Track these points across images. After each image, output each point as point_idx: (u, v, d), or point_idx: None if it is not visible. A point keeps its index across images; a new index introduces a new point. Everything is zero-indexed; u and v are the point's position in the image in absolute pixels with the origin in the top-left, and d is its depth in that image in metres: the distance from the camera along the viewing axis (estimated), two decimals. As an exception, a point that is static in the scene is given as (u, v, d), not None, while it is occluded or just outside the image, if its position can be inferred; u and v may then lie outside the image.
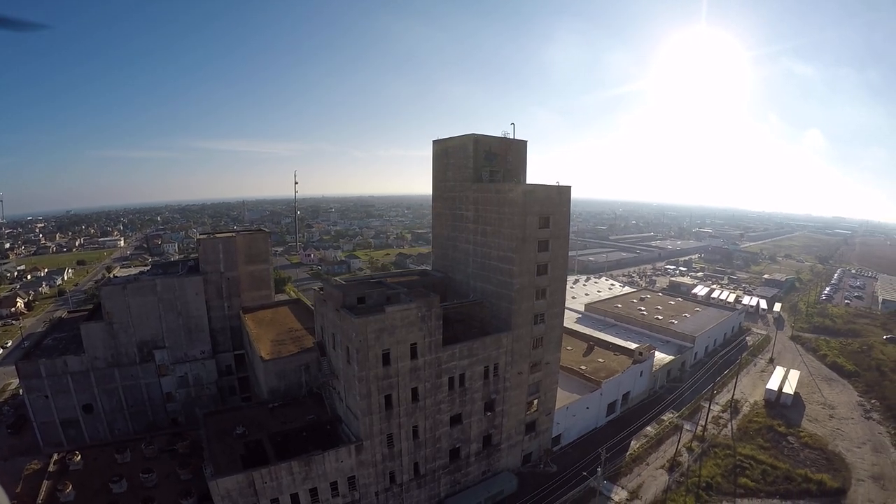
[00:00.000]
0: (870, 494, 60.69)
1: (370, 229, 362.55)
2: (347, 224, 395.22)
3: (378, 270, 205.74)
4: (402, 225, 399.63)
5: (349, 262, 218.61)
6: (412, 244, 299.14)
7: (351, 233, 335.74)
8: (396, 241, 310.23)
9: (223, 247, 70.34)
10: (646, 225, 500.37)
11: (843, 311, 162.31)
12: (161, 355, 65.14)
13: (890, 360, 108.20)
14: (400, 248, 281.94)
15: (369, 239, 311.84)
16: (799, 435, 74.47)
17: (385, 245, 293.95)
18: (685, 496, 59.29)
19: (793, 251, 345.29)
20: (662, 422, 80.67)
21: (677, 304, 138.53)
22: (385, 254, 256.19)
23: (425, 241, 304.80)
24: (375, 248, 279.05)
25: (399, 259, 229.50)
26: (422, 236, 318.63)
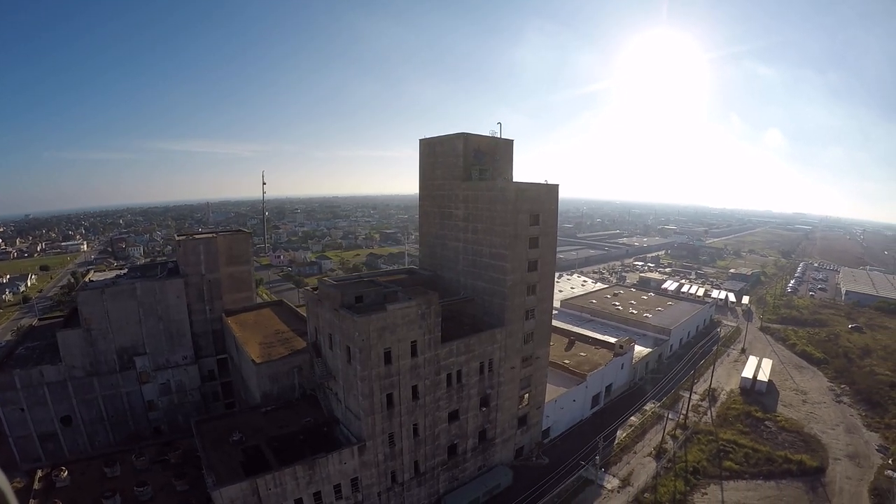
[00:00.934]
0: (847, 472, 66.30)
1: (338, 230, 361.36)
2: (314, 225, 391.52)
3: (350, 271, 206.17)
4: (370, 225, 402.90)
5: (320, 264, 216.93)
6: (381, 244, 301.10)
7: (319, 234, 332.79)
8: (366, 241, 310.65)
9: (204, 248, 69.35)
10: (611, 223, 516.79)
11: (808, 302, 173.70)
12: (142, 362, 63.79)
13: (856, 348, 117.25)
14: (369, 248, 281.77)
15: (338, 240, 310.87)
16: (776, 419, 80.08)
17: (354, 246, 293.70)
18: (674, 481, 63.10)
19: (756, 246, 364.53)
20: (645, 412, 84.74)
21: (650, 298, 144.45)
22: (355, 254, 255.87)
23: (394, 241, 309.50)
24: (345, 249, 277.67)
25: (370, 259, 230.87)
26: (390, 236, 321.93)
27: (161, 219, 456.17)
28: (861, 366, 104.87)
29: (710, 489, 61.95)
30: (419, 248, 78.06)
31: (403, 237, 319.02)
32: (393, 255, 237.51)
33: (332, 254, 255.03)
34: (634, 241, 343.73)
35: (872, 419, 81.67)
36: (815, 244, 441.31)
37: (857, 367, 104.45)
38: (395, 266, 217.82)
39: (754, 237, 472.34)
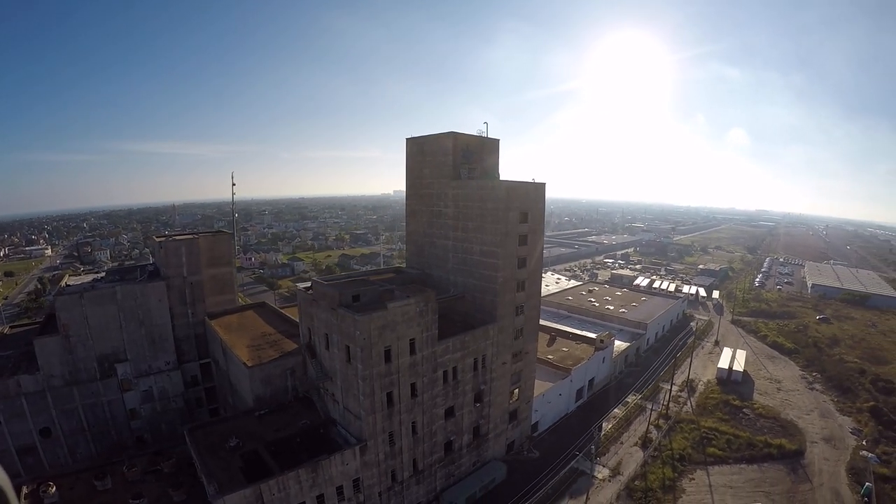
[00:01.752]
0: (824, 454, 71.42)
1: (307, 231, 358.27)
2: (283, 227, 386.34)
3: (323, 273, 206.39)
4: (339, 226, 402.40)
5: (293, 265, 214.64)
6: (351, 245, 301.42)
7: (288, 235, 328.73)
8: (336, 242, 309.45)
9: (186, 249, 68.12)
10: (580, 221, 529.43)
11: (776, 295, 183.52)
12: (123, 369, 62.15)
13: (825, 338, 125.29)
14: (340, 249, 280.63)
15: (308, 241, 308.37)
16: (753, 407, 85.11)
17: (325, 247, 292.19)
18: (662, 468, 66.40)
19: (722, 243, 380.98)
20: (628, 404, 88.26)
21: (624, 294, 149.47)
22: (326, 255, 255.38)
23: (364, 241, 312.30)
24: (316, 251, 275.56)
25: (342, 260, 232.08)
26: (360, 237, 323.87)
27: (126, 222, 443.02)
28: (830, 354, 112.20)
29: (697, 474, 65.57)
30: (406, 246, 78.81)
31: (374, 238, 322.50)
32: (366, 256, 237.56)
33: (303, 255, 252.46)
34: (604, 238, 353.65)
35: (844, 404, 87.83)
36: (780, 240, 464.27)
37: (827, 355, 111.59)
38: (369, 266, 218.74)
39: (720, 234, 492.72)
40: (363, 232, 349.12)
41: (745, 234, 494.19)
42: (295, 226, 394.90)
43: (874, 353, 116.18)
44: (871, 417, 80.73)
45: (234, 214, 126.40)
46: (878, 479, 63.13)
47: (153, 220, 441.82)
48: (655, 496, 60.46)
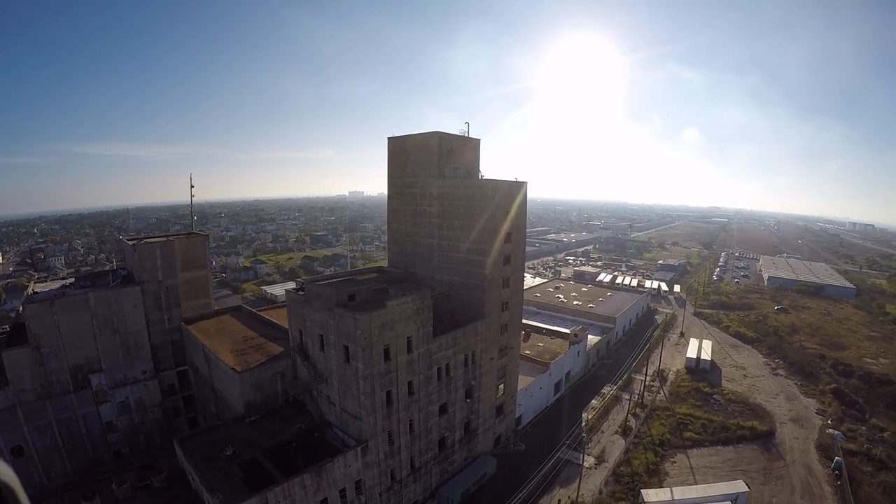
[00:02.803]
0: (793, 433, 77.63)
1: (266, 234, 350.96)
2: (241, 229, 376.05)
3: (286, 275, 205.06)
4: (297, 228, 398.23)
5: (255, 268, 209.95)
6: (312, 247, 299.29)
7: (248, 238, 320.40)
8: (297, 244, 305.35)
9: (161, 252, 65.97)
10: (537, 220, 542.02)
11: (735, 288, 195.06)
12: (98, 380, 59.59)
13: (784, 327, 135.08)
14: (301, 251, 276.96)
15: (268, 243, 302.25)
16: (723, 393, 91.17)
17: (286, 249, 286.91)
18: (644, 453, 70.28)
19: (678, 239, 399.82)
20: (604, 395, 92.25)
21: (589, 290, 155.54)
22: (288, 258, 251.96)
23: (325, 243, 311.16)
24: (277, 253, 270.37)
25: (305, 262, 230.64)
26: (321, 239, 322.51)
27: (78, 227, 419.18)
28: (791, 342, 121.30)
29: (678, 458, 69.91)
30: (388, 246, 79.18)
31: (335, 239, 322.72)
32: (328, 258, 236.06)
33: (265, 258, 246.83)
34: (563, 236, 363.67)
35: (808, 387, 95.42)
36: (733, 235, 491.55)
37: (788, 343, 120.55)
38: (333, 268, 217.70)
39: (675, 230, 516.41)
40: (323, 233, 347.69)
41: (699, 231, 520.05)
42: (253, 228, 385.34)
43: (832, 339, 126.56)
44: (834, 398, 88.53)
45: (193, 217, 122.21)
46: (845, 454, 69.35)
47: (106, 225, 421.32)
48: (641, 480, 64.06)
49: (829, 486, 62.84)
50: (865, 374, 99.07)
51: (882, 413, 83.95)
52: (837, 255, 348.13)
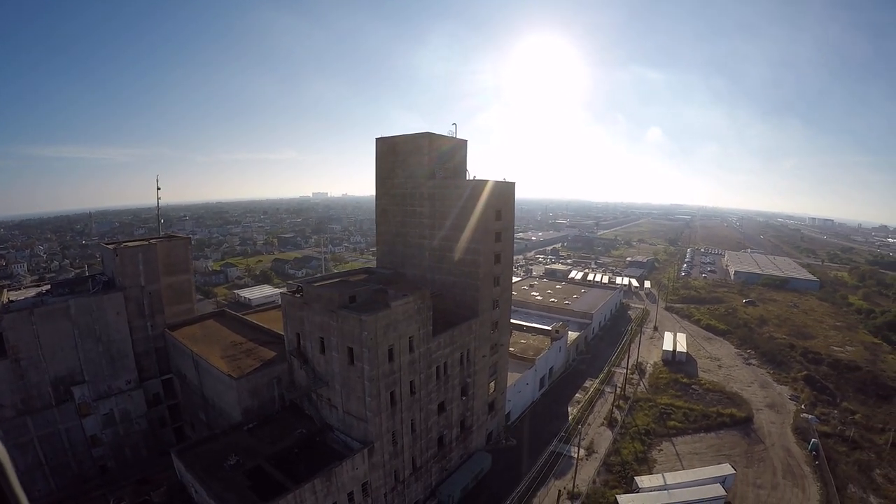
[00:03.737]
0: (770, 419, 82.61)
1: (233, 236, 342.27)
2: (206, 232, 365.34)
3: (257, 278, 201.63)
4: (264, 230, 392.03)
5: (226, 272, 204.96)
6: (280, 249, 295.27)
7: (215, 241, 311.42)
8: (265, 247, 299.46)
9: (143, 256, 63.73)
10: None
11: (703, 283, 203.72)
12: (81, 392, 57.02)
13: (753, 319, 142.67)
14: (270, 254, 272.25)
15: (236, 246, 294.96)
16: (700, 383, 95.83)
17: (254, 252, 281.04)
18: (632, 443, 73.27)
19: (644, 236, 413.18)
20: (586, 388, 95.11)
21: (564, 287, 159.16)
22: (257, 261, 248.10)
23: (294, 245, 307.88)
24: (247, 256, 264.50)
25: (276, 265, 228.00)
26: (289, 241, 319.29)
27: (38, 232, 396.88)
28: (761, 333, 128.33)
29: (664, 446, 73.28)
30: (377, 246, 79.00)
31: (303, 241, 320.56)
32: (299, 260, 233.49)
33: (234, 261, 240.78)
34: (531, 235, 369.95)
35: (780, 375, 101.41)
36: (697, 232, 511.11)
37: (758, 334, 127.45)
38: (305, 270, 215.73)
39: (640, 228, 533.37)
40: (291, 235, 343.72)
41: (664, 228, 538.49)
42: (219, 231, 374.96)
43: (799, 329, 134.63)
44: (806, 385, 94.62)
45: (160, 220, 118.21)
46: (820, 436, 74.62)
47: (68, 230, 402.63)
48: (632, 468, 66.77)
49: (807, 466, 67.54)
50: (834, 361, 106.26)
51: (852, 397, 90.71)
52: (799, 250, 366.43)
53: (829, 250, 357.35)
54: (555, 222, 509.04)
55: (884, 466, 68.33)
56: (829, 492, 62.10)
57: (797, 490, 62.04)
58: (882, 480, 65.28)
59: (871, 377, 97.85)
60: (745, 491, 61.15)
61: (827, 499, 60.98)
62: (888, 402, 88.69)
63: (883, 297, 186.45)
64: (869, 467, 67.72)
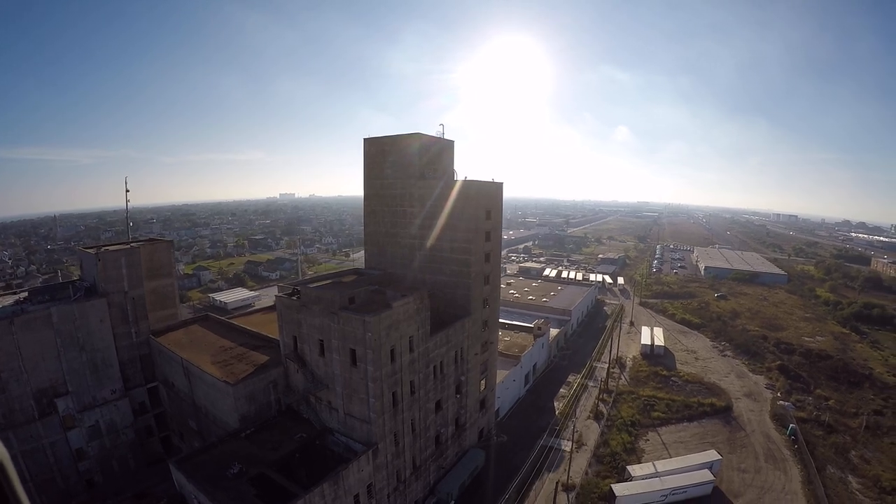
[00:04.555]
0: (748, 407, 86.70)
1: (203, 239, 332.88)
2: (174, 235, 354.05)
3: (230, 281, 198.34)
4: (233, 232, 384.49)
5: (199, 275, 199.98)
6: (252, 251, 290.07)
7: (185, 244, 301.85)
8: (236, 249, 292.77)
9: (126, 261, 61.59)
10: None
11: (675, 278, 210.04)
12: (65, 404, 54.70)
13: (726, 312, 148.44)
14: (242, 256, 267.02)
15: (206, 249, 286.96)
16: (679, 375, 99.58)
17: (226, 255, 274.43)
18: (619, 434, 75.67)
19: (613, 233, 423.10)
20: (570, 383, 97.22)
21: (540, 285, 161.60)
22: (229, 263, 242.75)
23: (264, 247, 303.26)
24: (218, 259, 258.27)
25: (249, 267, 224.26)
26: (260, 242, 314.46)
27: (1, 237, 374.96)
28: (734, 326, 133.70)
29: (650, 436, 76.05)
30: (365, 247, 78.61)
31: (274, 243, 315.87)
32: (272, 262, 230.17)
33: (205, 264, 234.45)
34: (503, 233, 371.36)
35: (755, 366, 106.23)
36: (665, 229, 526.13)
37: (731, 327, 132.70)
38: (278, 272, 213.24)
39: (609, 225, 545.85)
40: (262, 237, 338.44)
41: (632, 225, 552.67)
42: (188, 233, 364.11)
43: (770, 321, 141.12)
44: (780, 374, 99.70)
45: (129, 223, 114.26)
46: (797, 421, 78.74)
47: (32, 234, 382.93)
48: (621, 458, 69.03)
49: (787, 449, 71.59)
50: (805, 350, 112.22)
51: (824, 384, 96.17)
52: (765, 245, 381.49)
53: (794, 245, 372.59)
54: (525, 221, 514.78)
55: (859, 448, 73.16)
56: (810, 473, 66.07)
57: (779, 473, 65.78)
58: (858, 461, 69.90)
59: (841, 365, 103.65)
60: (731, 475, 64.42)
61: (808, 479, 64.81)
62: (859, 388, 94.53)
63: (849, 289, 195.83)
64: (845, 449, 72.33)
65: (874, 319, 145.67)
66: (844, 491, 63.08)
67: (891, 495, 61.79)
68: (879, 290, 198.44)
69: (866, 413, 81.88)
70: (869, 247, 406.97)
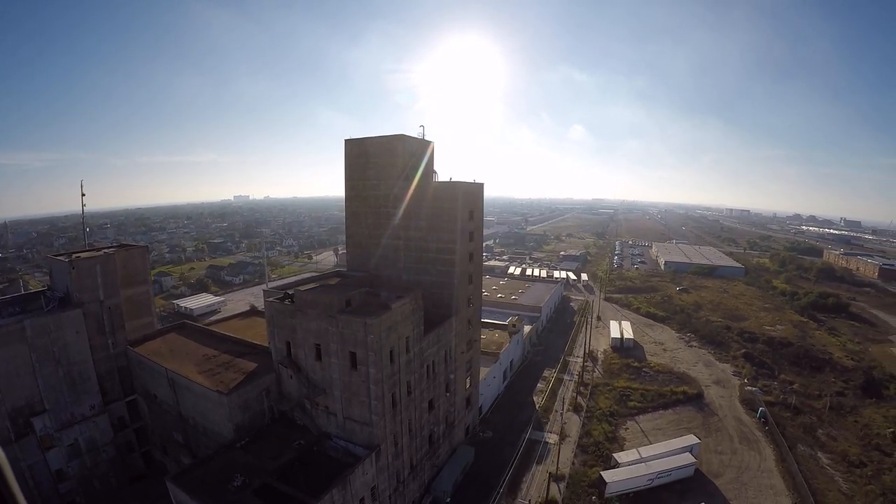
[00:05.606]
0: (718, 393, 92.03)
1: (160, 244, 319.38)
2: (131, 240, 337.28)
3: (193, 287, 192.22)
4: (191, 237, 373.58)
5: (161, 281, 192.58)
6: (212, 255, 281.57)
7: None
8: (196, 253, 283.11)
9: (102, 268, 58.76)
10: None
11: (636, 273, 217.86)
12: (42, 423, 51.61)
13: (689, 305, 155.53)
14: (202, 260, 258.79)
15: (165, 254, 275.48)
16: (650, 366, 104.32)
17: (185, 259, 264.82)
18: (600, 425, 78.94)
19: (571, 230, 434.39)
20: (546, 378, 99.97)
21: (508, 283, 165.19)
22: (190, 268, 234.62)
23: (224, 251, 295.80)
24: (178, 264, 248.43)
25: (211, 272, 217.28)
26: (219, 246, 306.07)
27: None
28: (698, 317, 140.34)
29: (629, 424, 79.72)
30: (347, 249, 78.14)
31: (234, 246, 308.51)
32: (234, 266, 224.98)
33: (165, 269, 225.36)
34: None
35: (720, 355, 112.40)
36: (622, 225, 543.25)
37: (695, 318, 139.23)
38: (241, 276, 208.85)
39: (567, 222, 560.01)
40: (221, 241, 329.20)
41: (589, 222, 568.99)
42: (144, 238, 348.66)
43: (732, 312, 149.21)
44: (746, 361, 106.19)
45: (85, 229, 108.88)
46: (766, 405, 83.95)
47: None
48: (605, 447, 72.14)
49: (759, 431, 77.11)
50: (768, 339, 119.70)
51: (788, 369, 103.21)
52: (720, 239, 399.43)
53: (748, 239, 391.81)
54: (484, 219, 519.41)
55: (825, 427, 79.44)
56: (782, 451, 71.20)
57: (754, 453, 70.80)
58: (826, 439, 75.97)
59: (803, 351, 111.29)
60: (710, 458, 68.78)
61: (781, 458, 69.89)
62: (821, 372, 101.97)
63: (803, 280, 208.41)
64: (813, 429, 78.36)
65: (830, 308, 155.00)
66: (816, 466, 68.47)
67: (858, 468, 67.67)
68: (832, 280, 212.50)
69: (829, 395, 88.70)
70: (820, 239, 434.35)
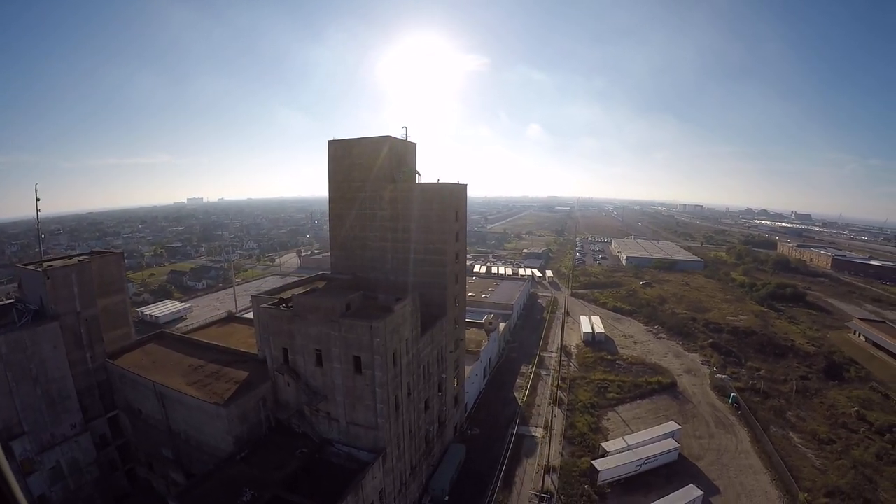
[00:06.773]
0: (690, 382, 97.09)
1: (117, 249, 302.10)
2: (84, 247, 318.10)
3: (156, 293, 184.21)
4: (147, 241, 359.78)
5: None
6: (171, 260, 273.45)
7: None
8: (155, 259, 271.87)
9: (77, 277, 55.54)
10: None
11: (600, 269, 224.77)
12: (21, 446, 48.14)
13: (654, 298, 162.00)
14: (161, 266, 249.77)
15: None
16: (623, 359, 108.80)
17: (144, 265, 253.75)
18: (582, 416, 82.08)
19: (531, 228, 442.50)
20: (524, 374, 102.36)
21: (476, 282, 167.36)
22: (150, 273, 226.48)
23: (184, 255, 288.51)
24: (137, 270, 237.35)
25: (173, 277, 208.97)
26: (177, 251, 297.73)
27: None
28: (663, 310, 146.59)
29: (610, 415, 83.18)
30: (331, 251, 77.24)
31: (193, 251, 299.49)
32: (196, 271, 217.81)
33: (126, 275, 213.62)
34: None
35: (688, 346, 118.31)
36: (579, 222, 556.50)
37: (661, 311, 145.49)
38: (204, 281, 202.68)
39: (524, 220, 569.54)
40: (179, 245, 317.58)
41: (547, 219, 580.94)
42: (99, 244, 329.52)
43: (695, 304, 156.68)
44: (713, 351, 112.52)
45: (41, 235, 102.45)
46: (736, 390, 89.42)
47: None
48: (590, 437, 75.14)
49: (732, 415, 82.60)
50: (732, 329, 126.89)
51: (754, 357, 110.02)
52: (677, 234, 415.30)
53: (704, 233, 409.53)
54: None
55: (794, 409, 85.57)
56: (757, 433, 76.39)
57: (730, 436, 75.85)
58: (795, 420, 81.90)
59: (766, 339, 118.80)
60: (690, 442, 73.10)
61: (756, 439, 75.05)
62: (784, 359, 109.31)
63: (760, 271, 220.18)
64: (782, 411, 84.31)
65: (787, 298, 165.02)
66: (789, 445, 73.89)
67: (828, 445, 73.75)
68: (788, 271, 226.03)
69: (795, 379, 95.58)
70: (772, 232, 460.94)
